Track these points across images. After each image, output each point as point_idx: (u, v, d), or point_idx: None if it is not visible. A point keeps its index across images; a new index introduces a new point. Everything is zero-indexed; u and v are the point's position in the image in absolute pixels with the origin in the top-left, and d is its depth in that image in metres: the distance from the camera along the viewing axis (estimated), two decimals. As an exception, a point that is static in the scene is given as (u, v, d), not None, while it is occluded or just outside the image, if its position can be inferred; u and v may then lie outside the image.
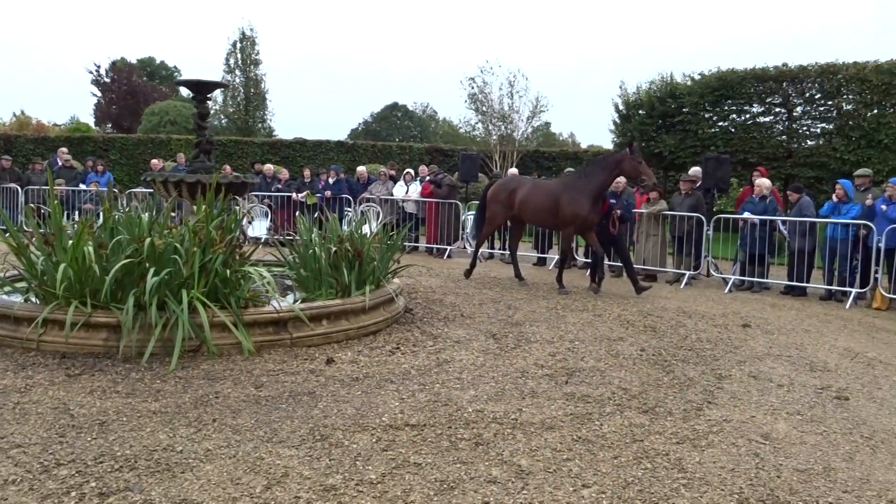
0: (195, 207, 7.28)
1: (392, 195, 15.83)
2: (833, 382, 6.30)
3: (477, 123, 35.26)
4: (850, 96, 19.71)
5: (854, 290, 10.69)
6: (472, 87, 33.54)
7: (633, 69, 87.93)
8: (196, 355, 6.14)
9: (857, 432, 5.04)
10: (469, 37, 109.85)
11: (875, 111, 19.08)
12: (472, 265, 11.94)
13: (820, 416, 5.37)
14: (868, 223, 10.55)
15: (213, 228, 6.66)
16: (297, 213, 11.70)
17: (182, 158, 19.23)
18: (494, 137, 33.60)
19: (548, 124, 64.56)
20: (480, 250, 14.81)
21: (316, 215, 12.93)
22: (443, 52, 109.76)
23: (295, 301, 7.37)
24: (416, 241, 15.91)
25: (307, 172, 17.33)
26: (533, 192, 11.08)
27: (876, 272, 10.48)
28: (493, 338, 7.39)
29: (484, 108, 33.64)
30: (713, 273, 12.67)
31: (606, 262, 13.22)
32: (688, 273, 12.11)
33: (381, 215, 15.06)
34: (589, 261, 12.29)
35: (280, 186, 17.04)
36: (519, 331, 7.75)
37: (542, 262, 14.20)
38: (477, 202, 16.63)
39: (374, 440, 4.46)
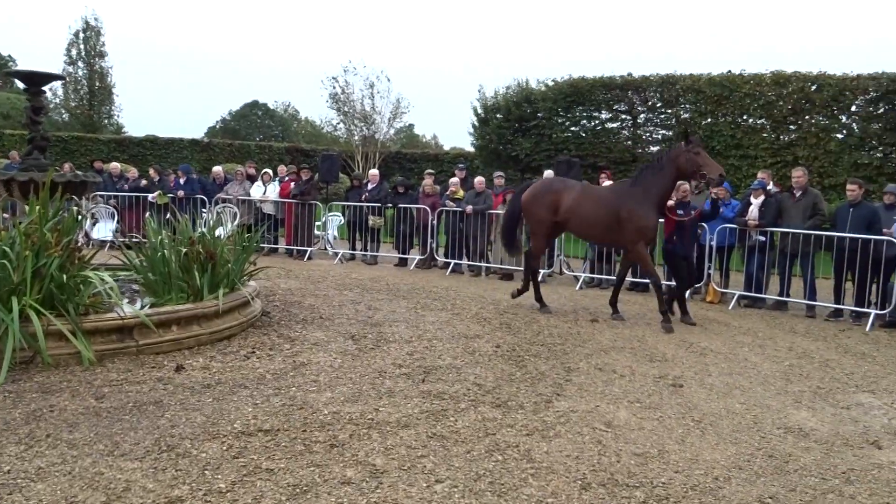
0: (28, 208, 6.76)
1: (249, 195, 15.39)
2: (670, 371, 6.77)
3: (339, 123, 34.99)
4: (687, 105, 21.26)
5: (690, 285, 11.52)
6: (334, 87, 33.26)
7: (491, 74, 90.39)
8: (29, 367, 5.71)
9: (689, 416, 5.44)
10: (332, 36, 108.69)
11: (709, 120, 20.69)
12: (525, 287, 9.97)
13: (657, 402, 5.76)
14: (702, 223, 11.40)
15: (47, 230, 6.21)
16: (147, 214, 11.15)
17: (15, 156, 17.78)
18: (357, 138, 33.46)
19: (411, 126, 65.13)
20: (342, 251, 14.70)
21: (168, 217, 12.37)
22: (304, 50, 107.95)
23: (142, 307, 7.01)
24: (276, 242, 15.57)
25: (152, 171, 16.57)
26: (584, 201, 9.30)
27: (709, 268, 11.36)
28: (351, 339, 7.36)
29: (346, 109, 33.44)
30: (565, 271, 13.25)
31: (465, 261, 13.55)
32: (543, 272, 12.60)
33: (237, 216, 14.62)
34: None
35: (127, 186, 16.13)
36: (378, 331, 7.77)
37: (403, 262, 14.29)
38: (338, 203, 16.55)
39: (224, 448, 4.33)
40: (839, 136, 19.51)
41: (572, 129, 22.83)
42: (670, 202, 9.31)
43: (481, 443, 4.64)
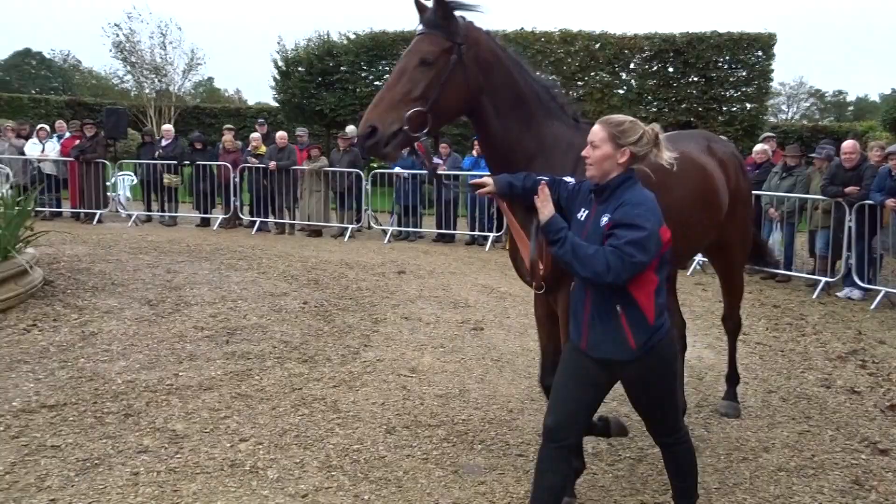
0: None
1: (24, 154, 13.87)
2: (472, 316, 7.11)
3: (126, 75, 32.25)
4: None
5: (492, 234, 12.09)
6: (118, 35, 30.53)
7: (292, 25, 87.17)
8: None
9: (488, 357, 5.77)
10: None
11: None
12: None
13: (459, 346, 6.04)
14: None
15: None
16: None
17: None
18: (148, 91, 31.11)
19: (210, 80, 61.59)
20: (136, 213, 13.67)
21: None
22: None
23: None
24: (59, 205, 14.23)
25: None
26: None
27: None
28: (148, 304, 6.98)
29: (133, 59, 30.86)
30: (373, 225, 13.35)
31: (271, 219, 13.16)
32: (350, 226, 12.62)
33: (10, 177, 13.16)
34: None
35: None
36: (178, 295, 7.43)
37: (205, 222, 13.60)
38: (129, 161, 15.38)
39: (1, 429, 3.98)
40: (620, 91, 21.14)
41: (376, 83, 22.72)
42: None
43: (287, 398, 4.63)
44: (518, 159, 3.30)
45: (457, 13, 3.17)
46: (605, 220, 2.75)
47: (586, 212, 2.88)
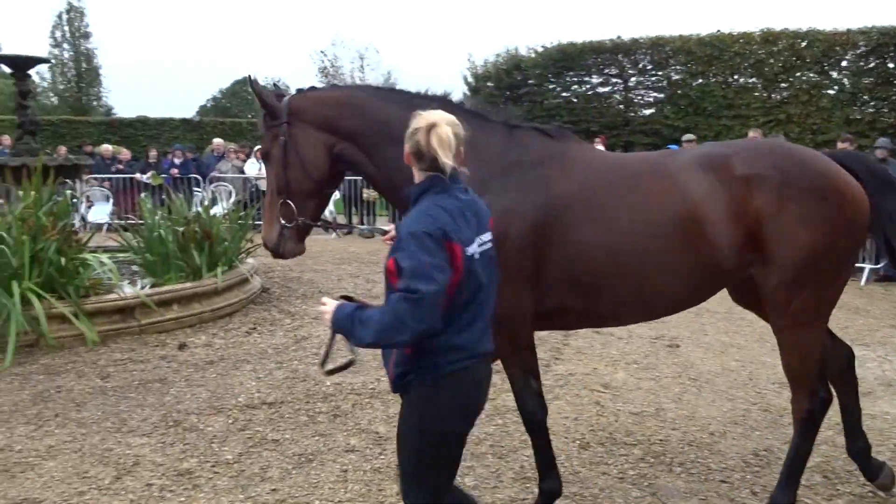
0: (22, 193, 6.78)
1: (244, 173, 15.36)
2: (666, 332, 6.85)
3: (329, 98, 34.70)
4: (678, 67, 21.13)
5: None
6: (323, 61, 32.99)
7: (481, 43, 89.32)
8: (34, 349, 5.78)
9: (686, 375, 5.54)
10: (319, 9, 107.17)
11: (700, 81, 20.59)
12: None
13: (654, 363, 5.85)
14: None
15: (43, 215, 6.24)
16: (142, 195, 11.15)
17: (7, 141, 17.65)
18: (348, 111, 33.23)
19: (402, 97, 64.39)
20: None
21: (163, 197, 12.37)
22: (292, 25, 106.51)
23: (142, 287, 7.07)
24: (272, 219, 15.56)
25: (153, 152, 16.48)
26: None
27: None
28: (351, 312, 7.42)
29: (335, 82, 33.12)
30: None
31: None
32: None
33: (232, 194, 14.61)
34: None
35: (121, 167, 16.07)
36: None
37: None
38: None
39: (230, 421, 4.43)
40: (831, 91, 19.45)
41: (563, 94, 22.70)
42: None
43: (482, 407, 4.72)
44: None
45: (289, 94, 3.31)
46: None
47: None
